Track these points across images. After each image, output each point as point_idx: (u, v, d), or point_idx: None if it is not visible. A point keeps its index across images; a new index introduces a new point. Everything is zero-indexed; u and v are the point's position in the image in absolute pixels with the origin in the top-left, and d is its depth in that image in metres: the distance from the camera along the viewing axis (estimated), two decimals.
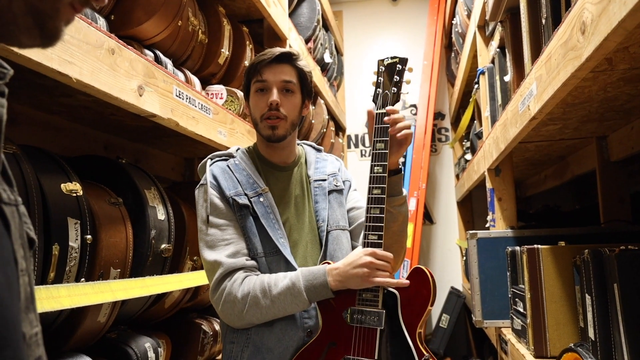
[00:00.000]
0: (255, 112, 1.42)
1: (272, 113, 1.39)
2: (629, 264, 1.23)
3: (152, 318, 1.74)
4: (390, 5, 4.96)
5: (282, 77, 1.41)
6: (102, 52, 1.11)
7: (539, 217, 3.05)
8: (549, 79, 1.25)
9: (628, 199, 2.18)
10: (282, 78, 1.41)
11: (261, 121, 1.41)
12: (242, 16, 2.59)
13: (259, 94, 1.41)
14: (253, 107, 1.43)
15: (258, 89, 1.41)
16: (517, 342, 1.84)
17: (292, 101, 1.42)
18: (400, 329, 1.28)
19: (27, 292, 0.53)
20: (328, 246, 1.41)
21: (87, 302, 1.04)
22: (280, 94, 1.40)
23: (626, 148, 1.99)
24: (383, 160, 1.37)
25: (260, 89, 1.41)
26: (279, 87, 1.41)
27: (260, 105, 1.40)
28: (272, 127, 1.40)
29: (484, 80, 2.54)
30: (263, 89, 1.41)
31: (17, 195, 0.54)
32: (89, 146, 1.91)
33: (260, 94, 1.41)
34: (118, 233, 1.29)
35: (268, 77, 1.40)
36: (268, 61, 1.40)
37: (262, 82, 1.40)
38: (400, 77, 1.45)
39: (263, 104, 1.40)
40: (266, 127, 1.40)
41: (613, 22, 0.83)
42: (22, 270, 0.52)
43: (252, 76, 1.42)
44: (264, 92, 1.41)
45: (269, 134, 1.40)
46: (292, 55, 1.44)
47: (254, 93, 1.42)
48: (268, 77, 1.40)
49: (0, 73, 0.52)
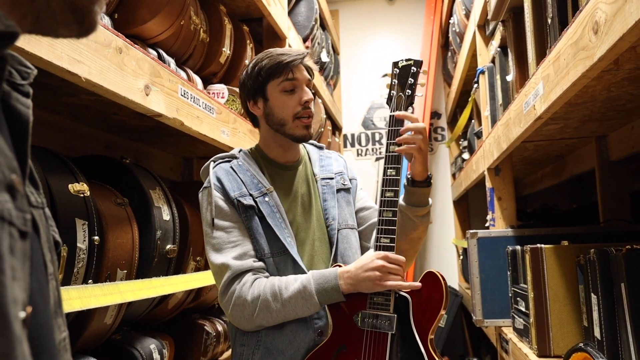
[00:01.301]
0: (285, 111, 1.39)
1: (307, 112, 1.38)
2: (637, 263, 1.24)
3: (155, 319, 1.73)
4: (387, 4, 4.96)
5: (307, 76, 1.41)
6: (110, 51, 1.09)
7: (537, 216, 3.06)
8: (557, 79, 1.25)
9: (627, 198, 2.19)
10: (306, 77, 1.41)
11: (293, 120, 1.39)
12: (241, 15, 2.58)
13: (288, 94, 1.39)
14: (280, 107, 1.40)
15: (287, 89, 1.39)
16: (519, 342, 1.85)
17: (315, 100, 1.43)
18: (411, 333, 1.26)
19: (55, 297, 0.52)
20: (339, 245, 1.40)
21: (97, 304, 1.03)
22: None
23: (626, 147, 2.00)
24: (396, 163, 1.36)
25: (290, 88, 1.39)
26: (306, 84, 1.41)
27: (290, 104, 1.38)
28: (307, 127, 1.39)
29: (483, 80, 2.55)
30: (293, 89, 1.39)
31: (43, 198, 0.53)
32: (89, 146, 1.89)
33: (288, 94, 1.39)
34: (124, 234, 1.28)
35: (298, 76, 1.39)
36: (299, 60, 1.38)
37: (292, 82, 1.38)
38: (415, 79, 1.43)
39: (294, 102, 1.38)
40: (300, 126, 1.39)
41: (629, 21, 0.83)
42: (51, 274, 0.51)
43: (277, 75, 1.39)
44: (293, 92, 1.39)
45: (304, 133, 1.40)
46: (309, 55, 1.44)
47: (281, 93, 1.39)
48: (298, 75, 1.39)
49: (24, 73, 0.51)
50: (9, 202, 0.40)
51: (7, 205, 0.40)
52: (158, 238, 1.42)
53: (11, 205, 0.40)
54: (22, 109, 0.50)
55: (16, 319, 0.38)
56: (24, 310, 0.40)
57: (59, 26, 0.49)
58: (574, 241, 1.65)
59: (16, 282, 0.39)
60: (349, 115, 4.94)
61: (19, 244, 0.41)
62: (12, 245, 0.39)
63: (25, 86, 0.51)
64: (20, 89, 0.50)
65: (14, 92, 0.49)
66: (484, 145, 2.54)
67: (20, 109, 0.49)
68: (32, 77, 0.52)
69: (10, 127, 0.47)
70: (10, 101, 0.48)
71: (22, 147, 0.49)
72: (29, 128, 0.50)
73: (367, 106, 4.94)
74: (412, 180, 1.39)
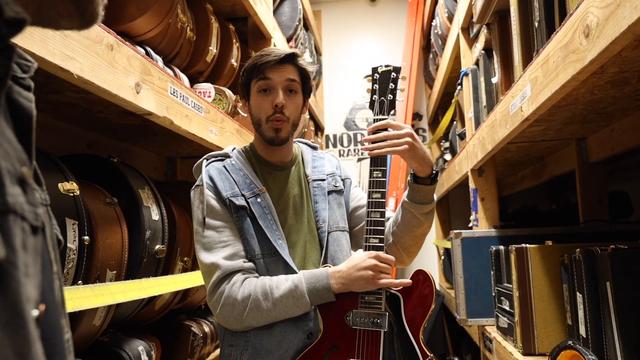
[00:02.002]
0: (259, 113, 1.38)
1: (277, 116, 1.36)
2: (622, 262, 1.26)
3: (141, 320, 1.71)
4: (369, 6, 4.98)
5: (286, 75, 1.38)
6: (102, 47, 1.08)
7: (518, 216, 3.10)
8: (545, 81, 1.28)
9: (606, 199, 2.24)
10: (286, 77, 1.37)
11: (266, 122, 1.37)
12: (226, 14, 2.56)
13: (262, 94, 1.37)
14: (255, 108, 1.39)
15: (261, 88, 1.37)
16: (503, 340, 1.87)
17: (295, 102, 1.40)
18: (404, 330, 1.28)
19: (59, 297, 0.51)
20: (329, 247, 1.40)
21: (89, 305, 1.01)
22: (284, 94, 1.37)
23: (606, 149, 2.04)
24: (382, 165, 1.37)
25: (263, 88, 1.37)
26: (283, 87, 1.37)
27: (264, 106, 1.37)
28: (276, 130, 1.37)
29: (467, 82, 2.57)
30: (267, 89, 1.37)
31: (47, 195, 0.52)
32: (72, 144, 1.85)
33: (263, 95, 1.37)
34: (114, 234, 1.26)
35: (273, 77, 1.36)
36: (274, 62, 1.35)
37: (266, 81, 1.36)
38: (395, 84, 1.45)
39: (267, 105, 1.36)
40: (270, 129, 1.37)
41: (622, 25, 0.85)
42: (55, 273, 0.50)
43: (255, 75, 1.38)
44: (268, 93, 1.37)
45: (272, 136, 1.38)
46: (296, 56, 1.40)
47: (257, 93, 1.38)
48: (273, 76, 1.36)
49: (25, 66, 0.50)
50: (21, 195, 0.39)
51: (20, 199, 0.38)
52: (147, 238, 1.40)
53: (23, 199, 0.39)
54: (24, 102, 0.48)
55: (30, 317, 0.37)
56: (37, 309, 0.39)
57: (61, 17, 0.48)
58: (555, 241, 1.68)
59: (29, 278, 0.38)
60: (331, 116, 4.95)
61: (30, 240, 0.39)
62: (25, 240, 0.38)
63: (27, 79, 0.50)
64: (22, 82, 0.49)
65: (15, 86, 0.47)
66: (467, 147, 2.56)
67: (22, 102, 0.48)
68: (32, 70, 0.51)
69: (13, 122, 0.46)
70: (12, 95, 0.47)
71: (27, 142, 0.47)
72: (32, 122, 0.49)
73: (349, 107, 4.95)
74: (414, 176, 1.40)
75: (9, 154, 0.38)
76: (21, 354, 0.34)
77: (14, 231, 0.36)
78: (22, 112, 0.47)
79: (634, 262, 1.26)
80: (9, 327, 0.33)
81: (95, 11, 0.49)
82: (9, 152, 0.38)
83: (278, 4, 3.27)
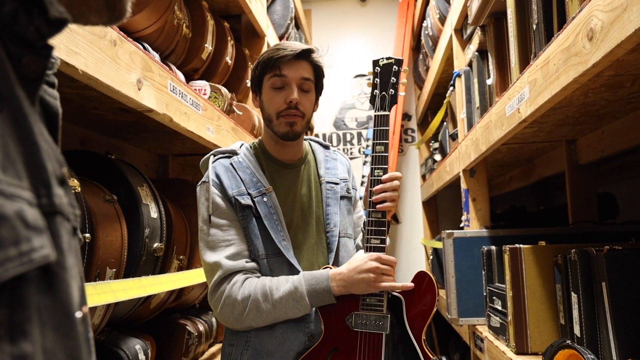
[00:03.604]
0: (271, 108, 1.36)
1: (290, 111, 1.34)
2: (617, 263, 1.29)
3: (136, 319, 1.69)
4: (359, 6, 4.99)
5: (302, 73, 1.36)
6: (105, 43, 1.06)
7: (507, 217, 3.14)
8: (545, 83, 1.29)
9: (595, 200, 2.27)
10: (301, 75, 1.35)
11: (277, 118, 1.35)
12: (220, 11, 2.55)
13: (276, 90, 1.35)
14: (268, 103, 1.37)
15: (275, 86, 1.35)
16: (495, 340, 1.89)
17: (309, 99, 1.38)
18: (406, 333, 1.27)
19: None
20: (339, 252, 1.39)
21: (90, 304, 1.00)
22: (298, 91, 1.35)
23: (596, 152, 2.07)
24: (383, 164, 1.36)
25: (278, 85, 1.35)
26: (298, 84, 1.35)
27: (277, 101, 1.35)
28: (290, 124, 1.35)
29: (460, 83, 2.59)
30: (282, 86, 1.35)
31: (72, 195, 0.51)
32: (65, 141, 1.83)
33: (277, 91, 1.35)
34: (114, 231, 1.24)
35: (288, 74, 1.34)
36: (290, 57, 1.33)
37: (281, 78, 1.34)
38: (397, 78, 1.42)
39: (280, 100, 1.34)
40: (283, 123, 1.35)
41: (629, 29, 0.86)
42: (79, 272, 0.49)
43: (269, 70, 1.35)
44: (282, 89, 1.35)
45: (287, 130, 1.35)
46: (312, 52, 1.39)
47: (270, 89, 1.36)
48: (288, 72, 1.34)
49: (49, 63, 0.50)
50: (64, 196, 0.39)
51: (64, 200, 0.38)
52: (146, 236, 1.38)
53: (66, 200, 0.39)
54: (50, 100, 0.48)
55: (77, 319, 0.36)
56: (81, 310, 0.38)
57: (91, 12, 0.47)
58: (546, 241, 1.70)
59: (74, 280, 0.37)
60: (321, 116, 4.95)
61: (73, 241, 0.39)
62: (69, 241, 0.38)
63: (51, 76, 0.49)
64: (47, 80, 0.48)
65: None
66: (459, 147, 2.58)
67: (49, 100, 0.47)
68: (56, 66, 0.51)
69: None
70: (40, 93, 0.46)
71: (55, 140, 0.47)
72: (59, 120, 0.49)
73: (339, 106, 4.95)
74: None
75: (50, 155, 0.38)
76: (74, 356, 0.34)
77: (61, 232, 0.36)
78: (49, 110, 0.47)
79: (629, 262, 1.28)
80: (61, 330, 0.33)
81: (125, 7, 0.49)
82: (50, 153, 0.38)
83: (270, 2, 3.26)
